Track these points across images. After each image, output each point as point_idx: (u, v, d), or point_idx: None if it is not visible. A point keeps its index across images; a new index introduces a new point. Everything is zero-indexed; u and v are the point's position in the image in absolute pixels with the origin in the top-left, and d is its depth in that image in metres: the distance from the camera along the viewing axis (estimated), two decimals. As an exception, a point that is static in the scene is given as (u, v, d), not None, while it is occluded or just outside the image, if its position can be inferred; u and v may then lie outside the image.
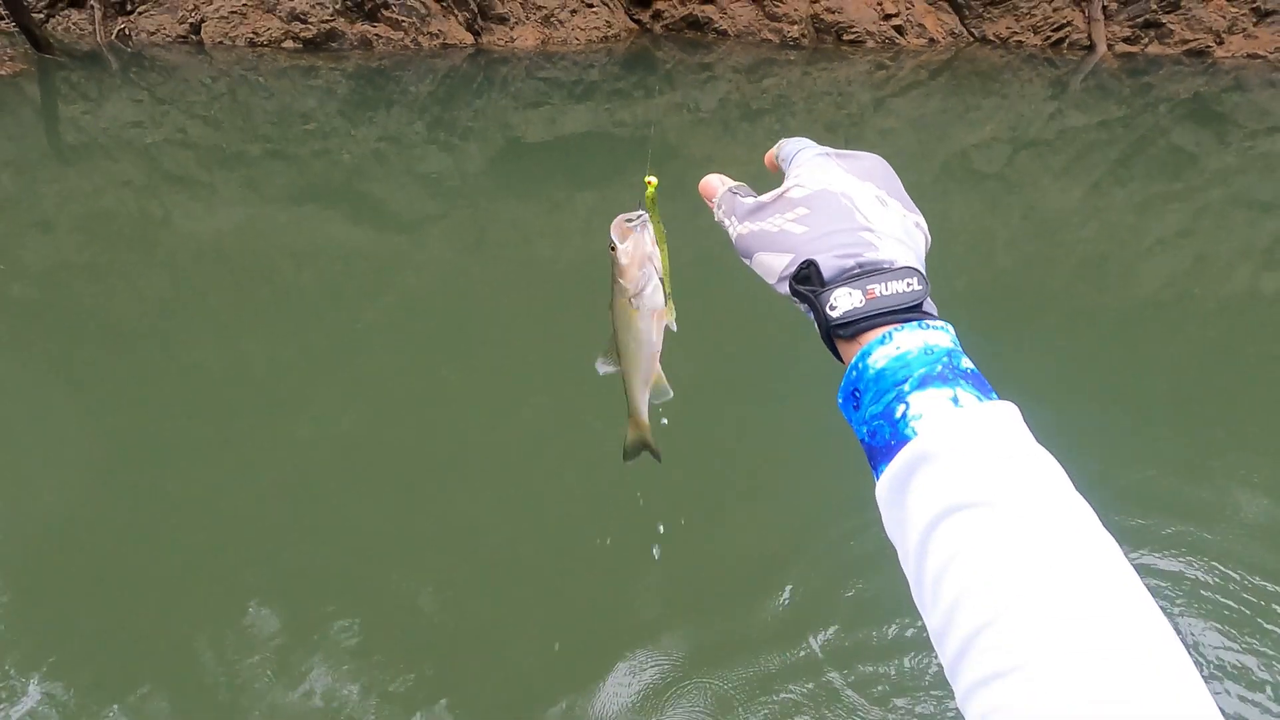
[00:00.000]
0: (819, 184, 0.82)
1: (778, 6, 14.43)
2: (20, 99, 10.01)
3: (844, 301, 0.75)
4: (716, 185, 0.92)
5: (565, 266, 6.23)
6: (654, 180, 1.02)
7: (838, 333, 0.76)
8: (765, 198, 0.84)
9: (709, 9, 14.50)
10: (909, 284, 0.76)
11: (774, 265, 0.81)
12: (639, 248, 1.03)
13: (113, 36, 12.61)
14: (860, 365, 0.74)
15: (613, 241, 1.03)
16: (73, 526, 3.48)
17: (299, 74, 11.46)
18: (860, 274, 0.76)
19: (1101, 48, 14.14)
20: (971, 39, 14.68)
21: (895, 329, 0.73)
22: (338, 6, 12.46)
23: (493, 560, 3.37)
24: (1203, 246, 7.20)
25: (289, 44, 12.38)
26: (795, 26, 14.36)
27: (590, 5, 13.99)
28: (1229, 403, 4.69)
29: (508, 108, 10.72)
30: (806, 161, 0.85)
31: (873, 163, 0.85)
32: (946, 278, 6.06)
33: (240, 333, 5.05)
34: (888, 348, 0.72)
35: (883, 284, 0.75)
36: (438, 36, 12.82)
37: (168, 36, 12.54)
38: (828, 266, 0.78)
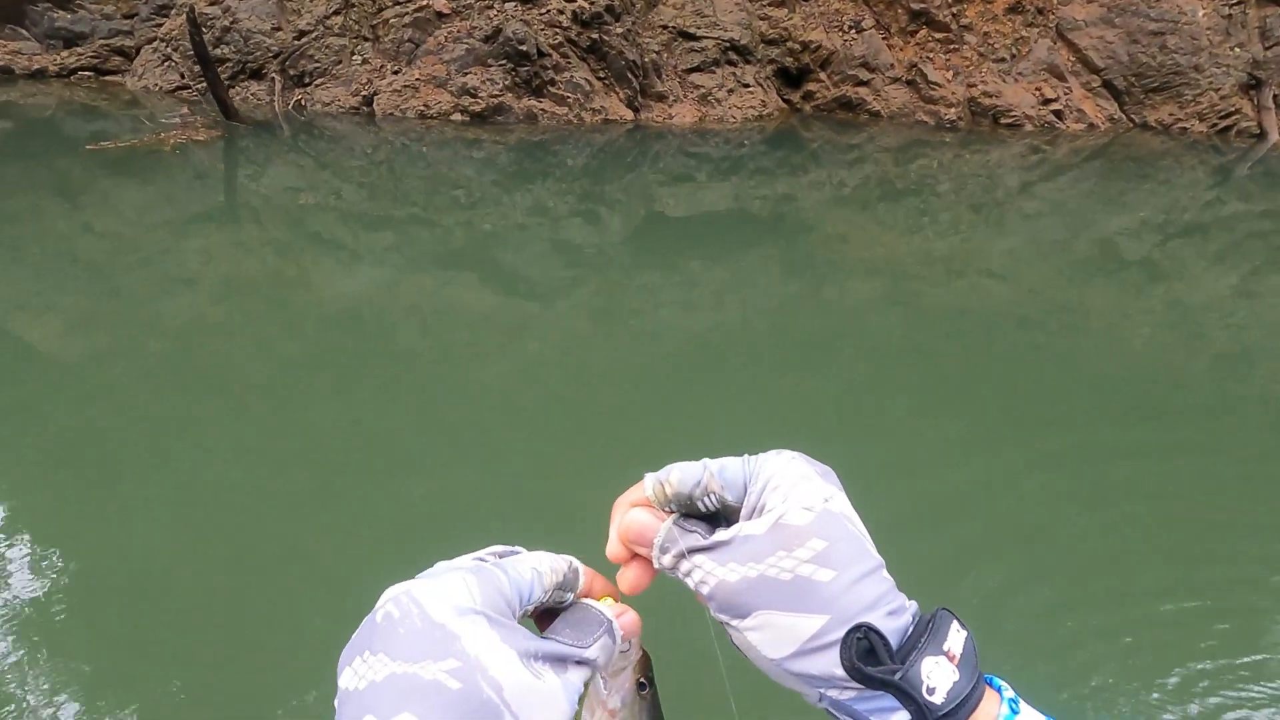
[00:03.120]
0: (818, 501, 0.57)
1: (934, 89, 14.51)
2: (198, 162, 10.54)
3: (940, 678, 0.54)
4: (648, 521, 0.60)
5: (691, 336, 6.31)
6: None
7: None
8: (749, 527, 0.57)
9: (862, 90, 14.70)
10: (956, 628, 0.57)
11: (796, 630, 0.55)
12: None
13: (289, 107, 13.38)
14: None
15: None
16: (177, 569, 3.64)
17: (462, 145, 11.98)
18: (915, 631, 0.56)
19: (1273, 136, 13.53)
20: (1131, 125, 14.34)
21: (1009, 714, 0.54)
22: (507, 83, 13.14)
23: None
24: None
25: (457, 117, 13.03)
26: (952, 109, 14.40)
27: (746, 85, 14.47)
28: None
29: (654, 182, 11.05)
30: (778, 468, 0.59)
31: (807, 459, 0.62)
32: (1076, 368, 6.03)
33: (357, 392, 5.20)
34: None
35: (944, 638, 0.56)
36: (600, 112, 13.41)
37: (341, 108, 13.27)
38: (890, 630, 0.55)
